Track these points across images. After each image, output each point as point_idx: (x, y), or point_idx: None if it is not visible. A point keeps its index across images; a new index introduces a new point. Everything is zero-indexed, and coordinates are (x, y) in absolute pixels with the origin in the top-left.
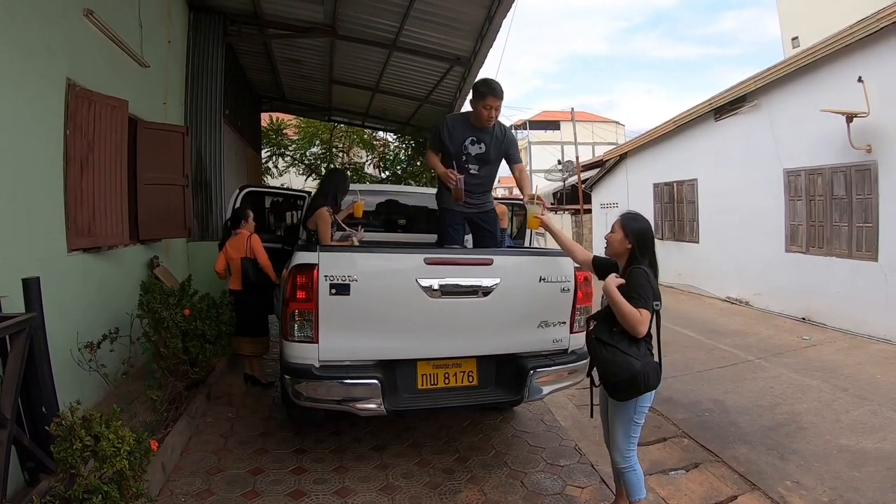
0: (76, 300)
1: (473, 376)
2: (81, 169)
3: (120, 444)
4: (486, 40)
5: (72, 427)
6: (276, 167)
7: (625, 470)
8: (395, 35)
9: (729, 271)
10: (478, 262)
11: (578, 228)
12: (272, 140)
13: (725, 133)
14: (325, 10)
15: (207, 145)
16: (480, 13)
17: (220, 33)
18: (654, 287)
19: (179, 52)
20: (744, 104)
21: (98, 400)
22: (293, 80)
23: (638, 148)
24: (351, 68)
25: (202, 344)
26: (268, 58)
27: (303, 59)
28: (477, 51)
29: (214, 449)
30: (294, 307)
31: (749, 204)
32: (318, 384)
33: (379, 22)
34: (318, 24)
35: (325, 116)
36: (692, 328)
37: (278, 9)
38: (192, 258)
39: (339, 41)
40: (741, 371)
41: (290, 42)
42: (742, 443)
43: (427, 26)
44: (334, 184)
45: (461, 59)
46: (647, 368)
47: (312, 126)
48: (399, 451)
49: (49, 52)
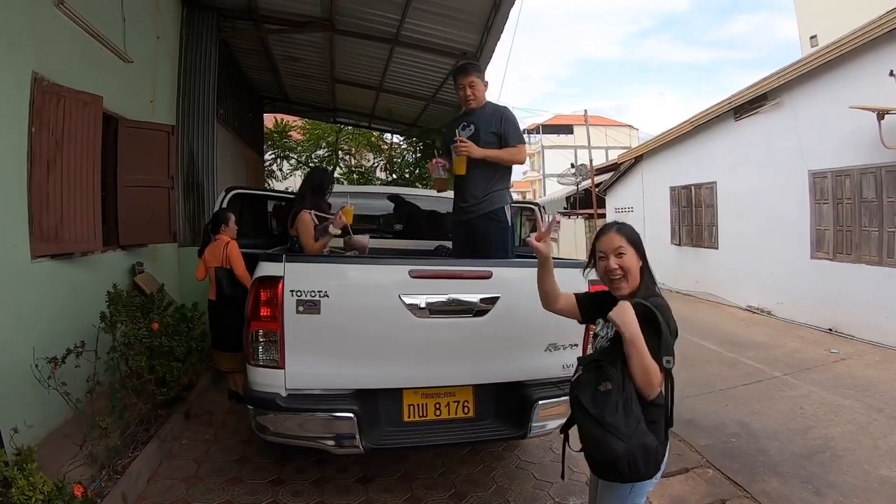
0: (40, 311)
1: (469, 407)
2: (48, 169)
3: (31, 493)
4: (492, 32)
5: None
6: (280, 170)
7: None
8: (397, 29)
9: (750, 279)
10: (474, 274)
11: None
12: (276, 142)
13: (746, 133)
14: (322, 3)
15: (200, 146)
16: (486, 3)
17: (214, 29)
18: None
19: (171, 48)
20: (765, 102)
21: (65, 419)
22: (294, 79)
23: (654, 150)
24: (352, 66)
25: (170, 362)
26: (266, 56)
27: (302, 57)
28: (483, 44)
29: (185, 476)
30: (256, 326)
31: (771, 208)
32: (284, 417)
33: (378, 15)
34: (315, 18)
35: (331, 118)
36: (712, 339)
37: (273, 2)
38: (183, 264)
39: (338, 36)
40: (768, 389)
41: (288, 38)
42: (773, 474)
43: (430, 18)
44: (312, 182)
45: (467, 54)
46: (636, 451)
47: (318, 128)
48: (387, 485)
49: (12, 43)
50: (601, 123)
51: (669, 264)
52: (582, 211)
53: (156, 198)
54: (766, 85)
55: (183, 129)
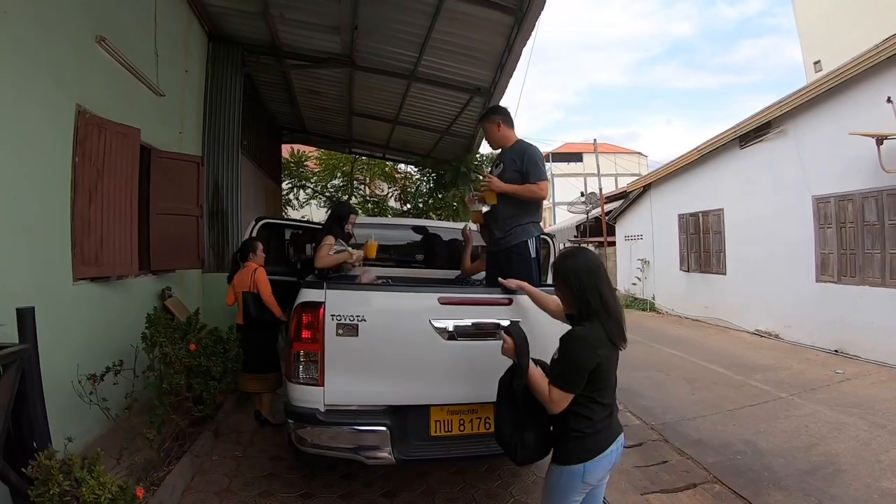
0: (81, 330)
1: (491, 423)
2: (90, 197)
3: (101, 491)
4: (505, 70)
5: (49, 471)
6: (296, 199)
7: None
8: (414, 65)
9: (757, 303)
10: (496, 301)
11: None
12: (293, 172)
13: (751, 161)
14: (343, 41)
15: (224, 176)
16: (500, 42)
17: (239, 64)
18: (587, 362)
19: (197, 81)
20: (769, 130)
21: (101, 433)
22: (313, 111)
23: (662, 178)
24: (370, 100)
25: (207, 381)
26: (287, 89)
27: (322, 91)
28: (497, 81)
29: (218, 490)
30: (298, 347)
31: (777, 233)
32: (322, 430)
33: (397, 52)
34: (335, 54)
35: (346, 148)
36: (720, 363)
37: (296, 39)
38: (207, 290)
39: (357, 72)
40: (773, 409)
41: (309, 73)
42: (777, 488)
43: (446, 56)
44: (336, 215)
45: (481, 90)
46: (516, 441)
47: (334, 158)
48: (411, 499)
49: (58, 78)
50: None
51: (679, 291)
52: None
53: (185, 225)
54: (770, 113)
55: (208, 159)
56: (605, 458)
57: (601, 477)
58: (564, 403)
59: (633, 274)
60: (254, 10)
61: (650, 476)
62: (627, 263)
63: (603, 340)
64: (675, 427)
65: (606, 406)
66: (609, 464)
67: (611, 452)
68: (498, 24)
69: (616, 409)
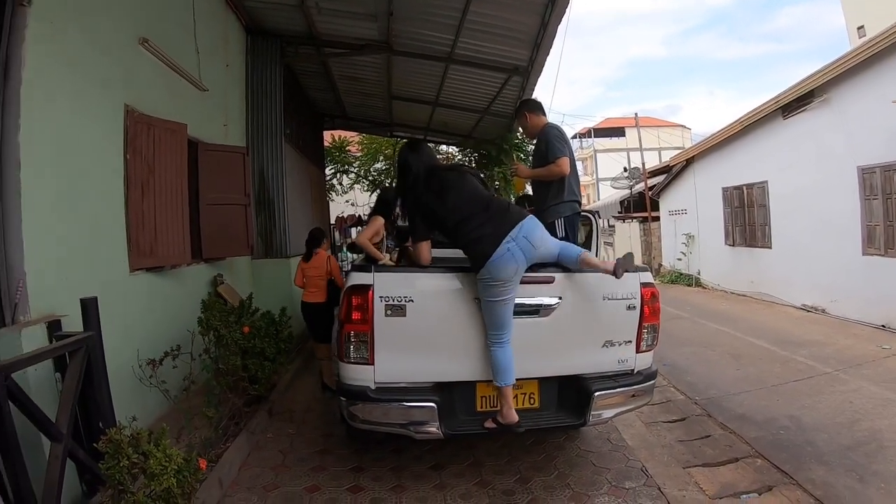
0: (139, 318)
1: (535, 398)
2: (142, 191)
3: (167, 463)
4: (542, 48)
5: (119, 445)
6: (340, 184)
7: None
8: (451, 48)
9: (803, 277)
10: (538, 280)
11: (647, 237)
12: (335, 157)
13: (794, 131)
14: (379, 27)
15: (269, 165)
16: (534, 20)
17: (278, 55)
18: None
19: (238, 75)
20: (812, 100)
21: (160, 415)
22: (353, 97)
23: (705, 151)
24: (409, 83)
25: (261, 361)
26: (327, 77)
27: (361, 77)
28: (534, 59)
29: (273, 465)
30: (349, 328)
31: (822, 205)
32: (373, 406)
33: (433, 35)
34: (373, 40)
35: (388, 132)
36: (766, 339)
37: (333, 28)
38: (256, 275)
39: (395, 57)
40: (818, 384)
41: (348, 60)
42: (819, 463)
43: (482, 37)
44: (380, 201)
45: (518, 69)
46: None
47: (375, 142)
48: (458, 471)
49: (106, 80)
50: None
51: (724, 265)
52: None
53: (234, 214)
54: (813, 82)
55: (253, 149)
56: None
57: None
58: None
59: (678, 249)
60: (291, 2)
61: (693, 450)
62: (672, 238)
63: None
64: (718, 402)
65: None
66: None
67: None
68: (532, 3)
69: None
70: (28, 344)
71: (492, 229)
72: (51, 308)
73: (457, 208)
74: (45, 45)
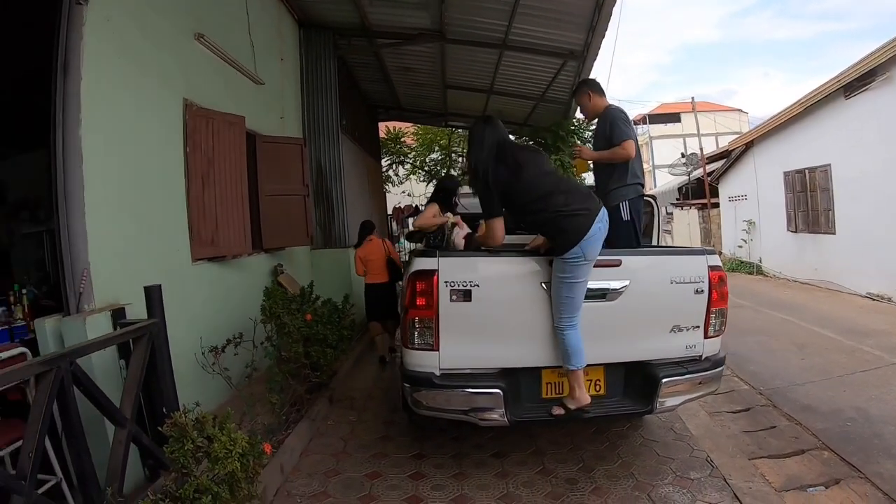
0: (201, 307)
1: (601, 385)
2: (203, 183)
3: (232, 447)
4: (597, 31)
5: (184, 428)
6: (396, 175)
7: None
8: (505, 34)
9: (869, 264)
10: (606, 263)
11: (707, 224)
12: (391, 149)
13: (857, 112)
14: (431, 16)
15: (326, 157)
16: (589, 2)
17: (331, 47)
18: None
19: (292, 68)
20: (875, 78)
21: (222, 402)
22: (407, 87)
23: (765, 135)
24: (463, 71)
25: (324, 349)
26: (380, 68)
27: (414, 67)
28: (589, 43)
29: (334, 452)
30: (414, 314)
31: (888, 189)
32: (438, 393)
33: (486, 22)
34: (425, 29)
35: (442, 122)
36: (831, 328)
37: (385, 18)
38: (316, 265)
39: (448, 45)
40: (886, 375)
41: (400, 50)
42: (887, 457)
43: (536, 21)
44: (439, 188)
45: (574, 54)
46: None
47: (430, 132)
48: (521, 459)
49: (164, 75)
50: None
51: (786, 252)
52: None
53: (292, 205)
54: (875, 59)
55: (310, 141)
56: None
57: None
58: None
59: (739, 236)
60: None
61: (758, 441)
62: (732, 225)
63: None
64: (783, 393)
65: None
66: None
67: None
68: None
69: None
70: (92, 332)
71: (581, 207)
72: (115, 297)
73: (534, 185)
74: (104, 42)
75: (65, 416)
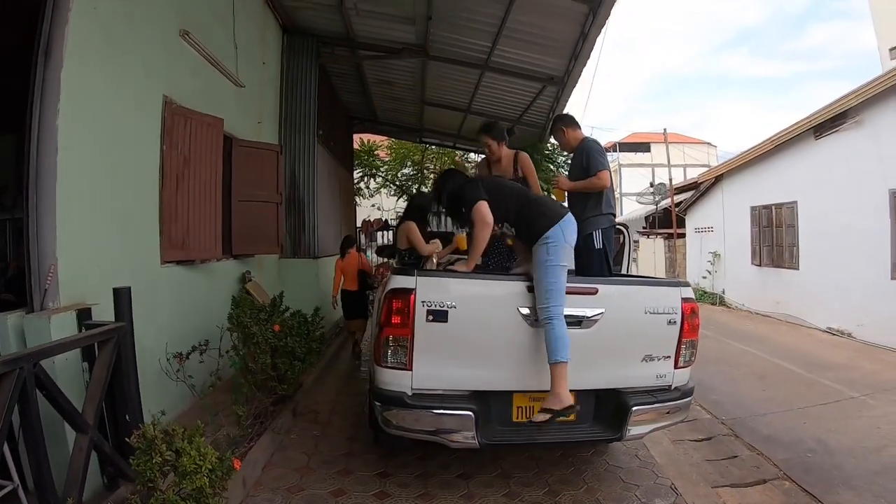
0: (167, 311)
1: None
2: (177, 184)
3: (202, 462)
4: (579, 58)
5: (153, 441)
6: (367, 188)
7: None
8: (488, 55)
9: (830, 300)
10: (582, 291)
11: (672, 253)
12: (364, 161)
13: (826, 152)
14: (417, 31)
15: (301, 165)
16: (574, 30)
17: (313, 55)
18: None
19: (273, 73)
20: (845, 120)
21: (184, 409)
22: (385, 101)
23: (734, 169)
24: (443, 89)
25: (291, 361)
26: (360, 79)
27: (394, 80)
28: (570, 70)
29: (297, 466)
30: (388, 332)
31: (852, 228)
32: (409, 413)
33: (470, 42)
34: (409, 44)
35: (417, 138)
36: (791, 361)
37: (370, 30)
38: (283, 274)
39: (430, 62)
40: (845, 408)
41: (382, 63)
42: (847, 487)
43: (520, 45)
44: (415, 206)
45: (554, 79)
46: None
47: (404, 147)
48: (486, 481)
49: (146, 70)
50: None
51: (750, 285)
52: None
53: (265, 212)
54: (846, 102)
55: (285, 148)
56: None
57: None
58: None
59: (704, 267)
60: (329, 2)
61: (720, 470)
62: (697, 256)
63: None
64: (745, 423)
65: None
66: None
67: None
68: (573, 12)
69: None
70: (57, 332)
71: (555, 204)
72: (81, 296)
73: (512, 190)
74: (88, 28)
75: (25, 421)
